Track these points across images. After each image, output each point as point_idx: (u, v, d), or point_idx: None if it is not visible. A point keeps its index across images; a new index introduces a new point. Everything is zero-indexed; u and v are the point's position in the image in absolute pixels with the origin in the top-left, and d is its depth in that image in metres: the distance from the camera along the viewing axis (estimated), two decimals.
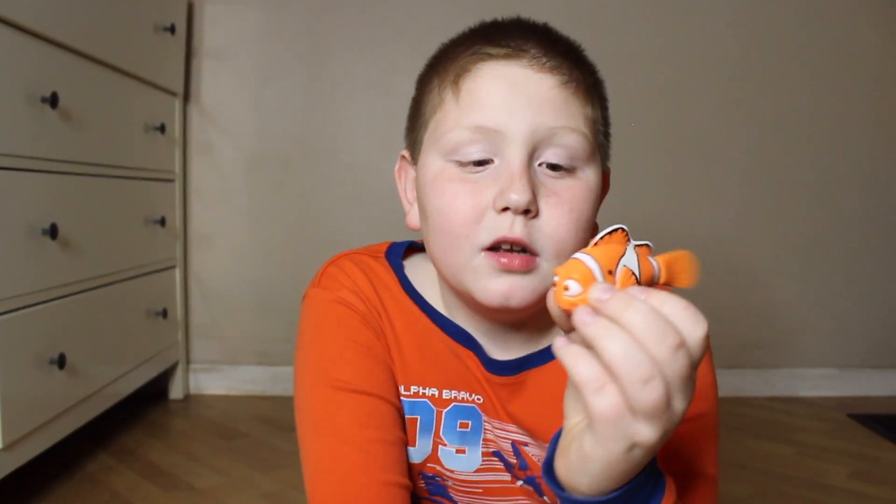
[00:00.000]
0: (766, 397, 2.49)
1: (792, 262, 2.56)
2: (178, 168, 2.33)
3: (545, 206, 0.71)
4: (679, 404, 0.45)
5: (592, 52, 0.80)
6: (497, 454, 0.84)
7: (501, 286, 0.71)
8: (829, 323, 2.57)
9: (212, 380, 2.47)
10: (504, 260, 0.70)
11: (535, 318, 0.78)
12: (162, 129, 2.13)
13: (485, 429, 0.83)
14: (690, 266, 0.55)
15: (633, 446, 0.46)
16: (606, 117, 0.81)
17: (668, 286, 0.53)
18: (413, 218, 0.82)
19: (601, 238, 0.50)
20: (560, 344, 0.47)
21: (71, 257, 1.63)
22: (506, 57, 0.73)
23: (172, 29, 2.16)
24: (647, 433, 0.44)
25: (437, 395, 0.83)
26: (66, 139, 1.61)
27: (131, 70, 1.93)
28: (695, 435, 0.75)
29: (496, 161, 0.73)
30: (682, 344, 0.43)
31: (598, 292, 0.45)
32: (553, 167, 0.72)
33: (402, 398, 0.82)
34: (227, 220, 2.49)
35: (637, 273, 0.50)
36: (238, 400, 2.42)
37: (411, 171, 0.84)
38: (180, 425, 2.16)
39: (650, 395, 0.43)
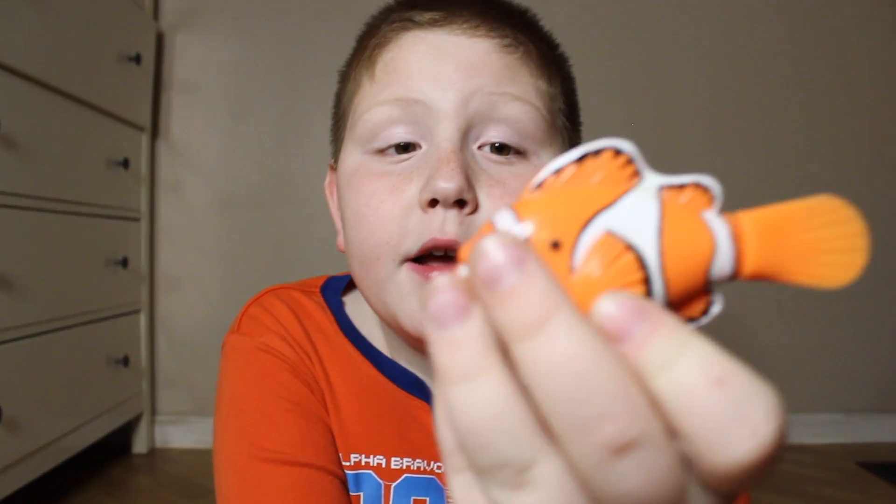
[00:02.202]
0: None
1: (793, 303, 2.45)
2: (144, 206, 2.20)
3: (487, 199, 0.56)
4: None
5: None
6: None
7: None
8: (833, 366, 2.46)
9: (179, 432, 2.31)
10: (434, 274, 0.54)
11: None
12: (125, 164, 2.01)
13: None
14: (840, 233, 0.27)
15: None
16: (573, 100, 0.67)
17: (781, 280, 0.27)
18: (343, 239, 0.68)
19: (567, 165, 0.25)
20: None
21: (14, 299, 1.49)
22: (431, 23, 0.60)
23: (138, 59, 2.05)
24: None
25: (384, 465, 0.66)
26: (10, 170, 1.48)
27: (90, 100, 1.81)
28: None
29: (424, 146, 0.58)
30: (628, 445, 0.21)
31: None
32: (498, 149, 0.58)
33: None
34: (196, 263, 2.36)
35: (649, 249, 0.24)
36: (207, 454, 2.24)
37: None
38: (142, 482, 2.00)
39: None
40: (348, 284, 0.75)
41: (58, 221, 1.69)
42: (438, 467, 0.65)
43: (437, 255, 0.56)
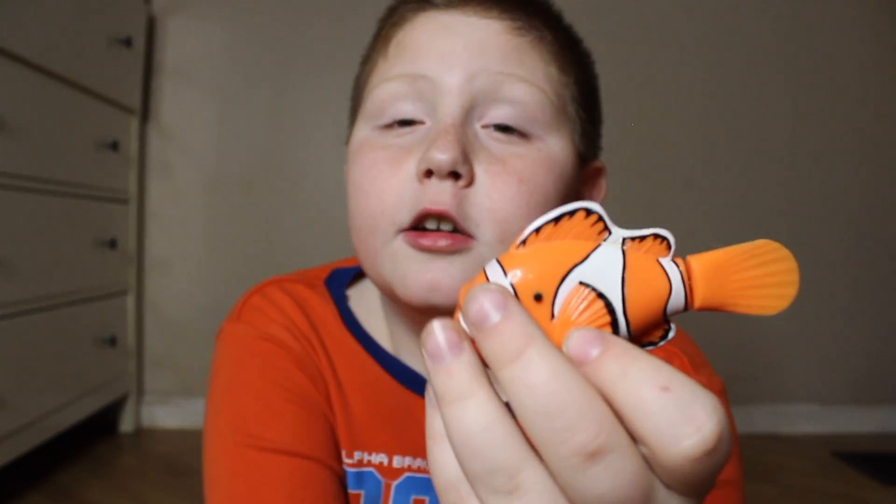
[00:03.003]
0: (746, 434, 2.39)
1: None
2: (133, 189, 2.21)
3: (485, 175, 0.55)
4: None
5: None
6: None
7: (424, 274, 0.54)
8: (812, 357, 2.49)
9: (166, 412, 2.33)
10: (426, 241, 0.54)
11: None
12: (114, 146, 2.02)
13: None
14: (775, 269, 0.31)
15: None
16: (592, 94, 0.66)
17: (730, 311, 0.31)
18: None
19: (545, 224, 0.29)
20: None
21: (2, 278, 1.51)
22: (447, 5, 0.60)
23: (128, 42, 2.06)
24: None
25: (385, 464, 0.65)
26: None
27: (80, 82, 1.83)
28: None
29: (428, 122, 0.58)
30: (598, 451, 0.25)
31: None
32: (502, 129, 0.57)
33: (344, 468, 0.65)
34: (185, 245, 2.37)
35: (614, 295, 0.29)
36: (193, 434, 2.28)
37: None
38: (127, 461, 2.02)
39: None
40: (353, 277, 0.74)
41: (46, 202, 1.71)
42: None
43: (431, 229, 0.56)
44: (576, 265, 0.29)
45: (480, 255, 0.55)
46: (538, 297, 0.29)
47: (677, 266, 0.30)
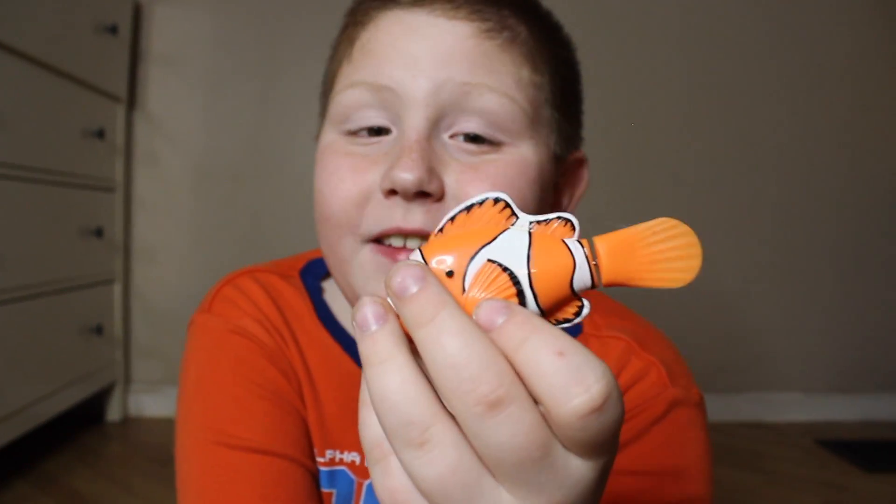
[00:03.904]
0: (730, 423, 2.41)
1: (758, 285, 2.49)
2: (119, 177, 2.20)
3: (455, 184, 0.54)
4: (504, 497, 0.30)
5: None
6: None
7: None
8: (795, 346, 2.51)
9: (153, 401, 2.33)
10: (402, 255, 0.53)
11: None
12: (100, 134, 2.01)
13: None
14: (677, 244, 0.33)
15: None
16: (570, 88, 0.64)
17: (643, 286, 0.33)
18: None
19: (458, 213, 0.33)
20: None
21: None
22: (413, 4, 0.57)
23: (114, 29, 2.04)
24: None
25: (357, 462, 0.64)
26: None
27: (65, 70, 1.81)
28: None
29: (394, 131, 0.57)
30: (498, 401, 0.28)
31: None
32: (472, 139, 0.56)
33: (317, 466, 0.64)
34: (172, 234, 2.37)
35: (519, 269, 0.31)
36: None
37: None
38: (114, 450, 2.02)
39: (427, 468, 0.29)
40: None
41: (32, 191, 1.70)
42: None
43: (397, 246, 0.55)
44: (484, 245, 0.32)
45: None
46: (450, 274, 0.32)
47: (581, 244, 0.32)
